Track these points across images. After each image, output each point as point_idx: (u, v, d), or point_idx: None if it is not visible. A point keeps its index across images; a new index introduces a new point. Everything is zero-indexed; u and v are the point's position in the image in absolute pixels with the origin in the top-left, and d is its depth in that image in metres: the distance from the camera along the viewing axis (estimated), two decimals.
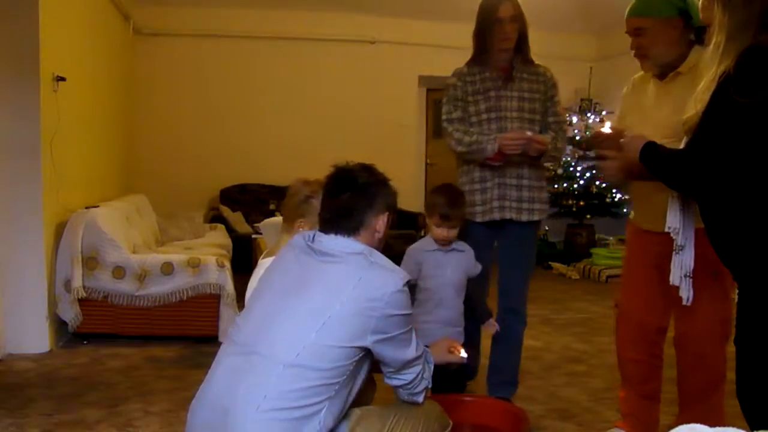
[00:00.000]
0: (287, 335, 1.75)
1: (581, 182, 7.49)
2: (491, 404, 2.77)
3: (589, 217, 7.68)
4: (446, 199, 2.78)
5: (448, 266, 2.82)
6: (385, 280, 1.79)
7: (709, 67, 1.88)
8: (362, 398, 2.03)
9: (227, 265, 4.49)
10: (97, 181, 5.34)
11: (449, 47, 6.73)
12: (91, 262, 4.21)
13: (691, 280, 2.19)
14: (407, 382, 1.92)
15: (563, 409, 3.27)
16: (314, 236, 1.93)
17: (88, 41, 5.11)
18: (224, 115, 7.44)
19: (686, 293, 2.21)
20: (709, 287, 2.31)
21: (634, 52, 2.54)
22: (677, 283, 2.21)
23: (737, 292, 1.97)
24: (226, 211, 6.96)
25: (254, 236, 5.55)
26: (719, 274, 2.29)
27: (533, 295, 3.28)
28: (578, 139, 7.47)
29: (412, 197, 7.50)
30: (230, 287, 4.33)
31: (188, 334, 4.34)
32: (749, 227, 1.84)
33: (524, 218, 3.02)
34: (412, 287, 2.15)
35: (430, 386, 2.00)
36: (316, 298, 1.78)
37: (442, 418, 2.07)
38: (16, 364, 3.82)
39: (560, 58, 3.70)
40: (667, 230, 2.18)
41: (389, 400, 2.12)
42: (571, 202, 7.55)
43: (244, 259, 5.81)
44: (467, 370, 3.00)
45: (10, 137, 3.95)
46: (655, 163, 2.07)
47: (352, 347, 1.75)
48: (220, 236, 6.16)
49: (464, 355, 2.26)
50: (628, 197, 7.14)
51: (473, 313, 2.90)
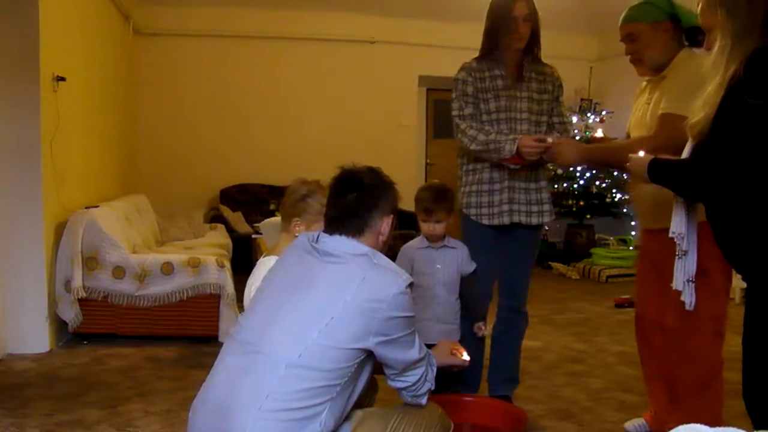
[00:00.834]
0: (290, 335, 1.74)
1: (581, 182, 7.49)
2: (491, 404, 2.78)
3: (589, 217, 7.68)
4: (430, 194, 2.79)
5: (439, 263, 2.82)
6: (388, 281, 1.79)
7: (715, 71, 1.89)
8: (364, 400, 2.04)
9: (227, 265, 4.49)
10: (97, 181, 5.34)
11: (449, 47, 6.76)
12: (91, 262, 4.21)
13: (693, 284, 2.20)
14: (410, 384, 1.91)
15: (563, 409, 3.27)
16: (318, 237, 1.92)
17: (88, 41, 5.11)
18: (224, 115, 7.44)
19: (689, 298, 2.22)
20: (699, 284, 2.32)
21: (629, 57, 2.67)
22: (680, 287, 2.22)
23: (745, 293, 1.97)
24: (226, 211, 6.96)
25: (254, 236, 5.55)
26: (708, 271, 2.32)
27: (533, 295, 3.28)
28: (578, 139, 7.47)
29: (412, 197, 7.46)
30: (230, 287, 4.33)
31: (188, 334, 4.34)
32: (764, 229, 1.84)
33: (534, 221, 2.98)
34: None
35: (433, 388, 1.99)
36: (319, 298, 1.77)
37: (443, 420, 2.06)
38: (16, 364, 3.82)
39: (560, 58, 3.68)
40: (671, 235, 2.19)
41: (391, 401, 2.12)
42: (571, 202, 7.55)
43: (244, 259, 5.82)
44: (468, 381, 2.99)
45: (10, 137, 3.95)
46: (666, 177, 2.09)
47: (354, 349, 1.74)
48: (220, 236, 6.16)
49: (466, 357, 2.26)
50: (628, 197, 7.15)
51: (467, 312, 2.88)
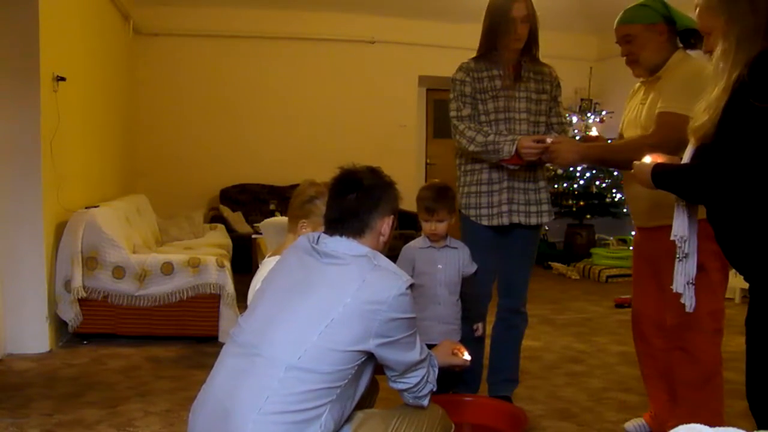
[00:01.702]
0: (290, 337, 1.73)
1: (581, 182, 7.49)
2: (491, 404, 2.78)
3: (589, 217, 7.68)
4: (432, 193, 2.79)
5: (440, 263, 2.81)
6: (388, 283, 1.78)
7: (718, 75, 1.89)
8: (365, 401, 2.03)
9: (227, 265, 4.49)
10: (97, 181, 5.34)
11: (449, 47, 6.76)
12: (91, 262, 4.21)
13: (693, 287, 2.20)
14: (412, 385, 1.90)
15: (563, 409, 3.27)
16: (318, 238, 1.91)
17: (87, 41, 5.11)
18: (224, 115, 7.44)
19: (689, 301, 2.21)
20: (697, 281, 2.32)
21: (625, 59, 2.69)
22: (681, 290, 2.21)
23: (749, 293, 1.96)
24: (226, 211, 6.96)
25: (254, 236, 5.55)
26: (705, 267, 2.31)
27: (533, 295, 3.28)
28: (578, 139, 7.47)
29: (412, 197, 7.47)
30: (230, 287, 4.33)
31: (188, 334, 4.34)
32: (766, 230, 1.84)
33: (533, 222, 2.98)
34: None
35: (435, 389, 1.98)
36: (319, 300, 1.76)
37: (444, 420, 2.06)
38: (16, 364, 3.82)
39: (560, 58, 3.69)
40: (673, 238, 2.18)
41: (393, 401, 2.11)
42: (571, 202, 7.55)
43: (244, 259, 5.82)
44: (468, 381, 2.99)
45: (10, 137, 3.95)
46: (671, 183, 2.07)
47: (354, 351, 1.73)
48: (220, 236, 6.16)
49: (468, 357, 2.26)
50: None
51: (467, 312, 2.88)
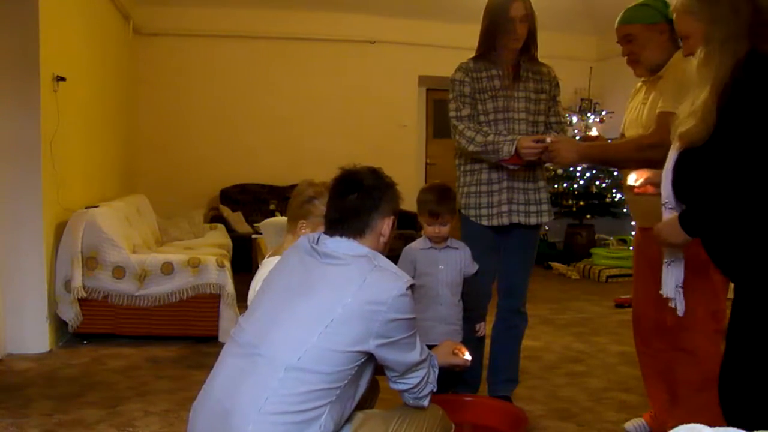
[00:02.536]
0: (290, 338, 1.73)
1: (581, 182, 7.49)
2: (491, 404, 2.77)
3: (589, 217, 7.68)
4: (434, 195, 2.77)
5: (441, 264, 2.81)
6: (388, 283, 1.77)
7: (703, 80, 1.84)
8: (366, 402, 2.02)
9: (227, 265, 4.49)
10: (97, 181, 5.34)
11: (449, 47, 6.76)
12: (91, 262, 4.21)
13: (682, 290, 2.17)
14: (412, 386, 1.90)
15: (563, 409, 3.27)
16: (318, 238, 1.90)
17: (87, 41, 5.11)
18: (224, 115, 7.44)
19: (680, 305, 2.19)
20: (698, 280, 2.31)
21: (626, 58, 2.69)
22: (671, 294, 2.19)
23: (733, 294, 1.94)
24: (226, 211, 6.96)
25: (254, 236, 5.55)
26: (707, 268, 2.29)
27: (533, 295, 3.28)
28: (578, 139, 7.47)
29: (412, 197, 7.46)
30: (230, 287, 4.33)
31: (188, 334, 4.34)
32: (756, 232, 1.82)
33: (533, 221, 2.98)
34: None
35: (435, 390, 1.98)
36: (319, 300, 1.76)
37: (444, 421, 2.05)
38: (16, 364, 3.82)
39: (560, 58, 3.69)
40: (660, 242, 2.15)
41: (393, 401, 2.11)
42: (571, 202, 7.55)
43: (244, 259, 5.82)
44: (468, 381, 2.98)
45: (10, 137, 3.95)
46: (702, 223, 1.94)
47: (354, 351, 1.73)
48: (220, 236, 6.16)
49: (468, 357, 2.26)
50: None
51: (468, 313, 2.87)
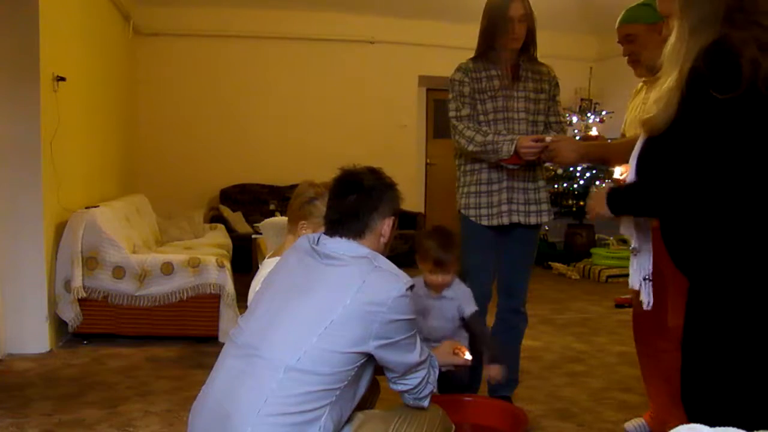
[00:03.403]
0: (289, 339, 1.72)
1: (581, 182, 7.49)
2: (491, 404, 2.77)
3: (588, 214, 7.66)
4: (438, 242, 2.61)
5: (430, 315, 2.67)
6: (388, 284, 1.76)
7: (671, 65, 1.77)
8: (366, 402, 2.02)
9: (227, 265, 4.49)
10: (97, 181, 5.34)
11: (449, 47, 6.75)
12: (91, 262, 4.21)
13: (651, 283, 2.08)
14: (412, 386, 1.89)
15: (563, 409, 3.27)
16: (318, 239, 1.90)
17: (88, 41, 5.11)
18: (224, 114, 7.44)
19: (647, 297, 2.09)
20: None
21: (627, 58, 2.67)
22: (636, 287, 2.10)
23: (689, 295, 1.82)
24: (226, 211, 6.96)
25: (254, 236, 5.55)
26: None
27: (533, 295, 3.28)
28: (578, 139, 7.48)
29: (412, 198, 7.51)
30: (230, 287, 4.33)
31: (188, 334, 4.34)
32: (717, 228, 1.72)
33: (532, 221, 2.98)
34: None
35: (435, 390, 1.98)
36: (318, 301, 1.76)
37: (445, 421, 2.05)
38: (16, 364, 3.82)
39: (560, 58, 3.69)
40: (622, 232, 2.09)
41: (394, 401, 2.10)
42: (571, 202, 7.55)
43: (244, 259, 5.82)
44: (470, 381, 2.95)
45: (10, 137, 3.95)
46: (626, 202, 1.94)
47: (354, 352, 1.73)
48: (220, 236, 6.16)
49: (469, 357, 2.25)
50: None
51: (479, 354, 2.65)
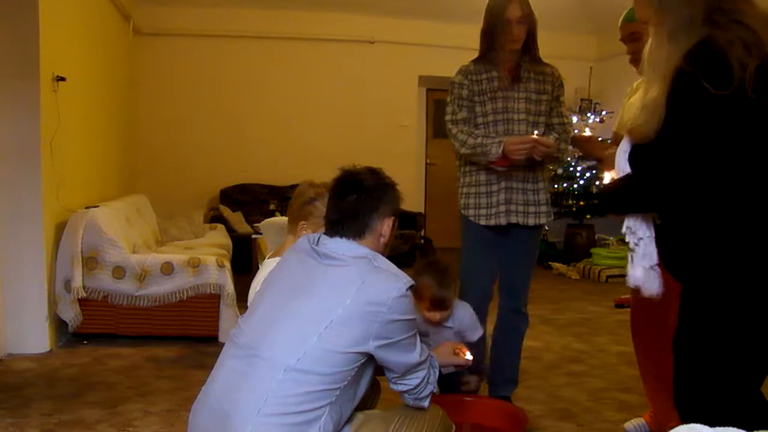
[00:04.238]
0: (289, 339, 1.73)
1: (581, 182, 7.50)
2: (491, 404, 2.77)
3: (589, 217, 7.68)
4: (435, 279, 2.53)
5: (428, 338, 2.61)
6: (388, 284, 1.76)
7: (654, 72, 1.75)
8: (366, 402, 2.02)
9: (227, 265, 4.49)
10: (97, 181, 5.34)
11: (449, 47, 6.76)
12: (91, 262, 4.21)
13: (659, 269, 1.95)
14: (412, 387, 1.89)
15: (563, 409, 3.27)
16: (318, 239, 1.90)
17: (87, 41, 5.11)
18: (224, 115, 7.45)
19: (656, 284, 1.93)
20: None
21: (629, 57, 2.65)
22: (638, 283, 1.96)
23: (681, 299, 1.81)
24: (226, 211, 6.96)
25: (254, 236, 5.55)
26: None
27: (533, 295, 3.28)
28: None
29: (412, 198, 7.51)
30: (230, 287, 4.33)
31: (188, 334, 4.34)
32: (713, 229, 1.72)
33: (531, 222, 2.98)
34: None
35: (436, 390, 1.98)
36: (318, 301, 1.76)
37: (445, 421, 2.05)
38: (16, 364, 3.82)
39: (560, 58, 3.67)
40: (624, 230, 2.02)
41: (394, 401, 2.10)
42: (571, 202, 7.56)
43: (244, 259, 5.82)
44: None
45: (10, 137, 3.95)
46: (621, 204, 1.91)
47: (354, 352, 1.73)
48: (220, 236, 6.16)
49: (469, 357, 2.25)
50: None
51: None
